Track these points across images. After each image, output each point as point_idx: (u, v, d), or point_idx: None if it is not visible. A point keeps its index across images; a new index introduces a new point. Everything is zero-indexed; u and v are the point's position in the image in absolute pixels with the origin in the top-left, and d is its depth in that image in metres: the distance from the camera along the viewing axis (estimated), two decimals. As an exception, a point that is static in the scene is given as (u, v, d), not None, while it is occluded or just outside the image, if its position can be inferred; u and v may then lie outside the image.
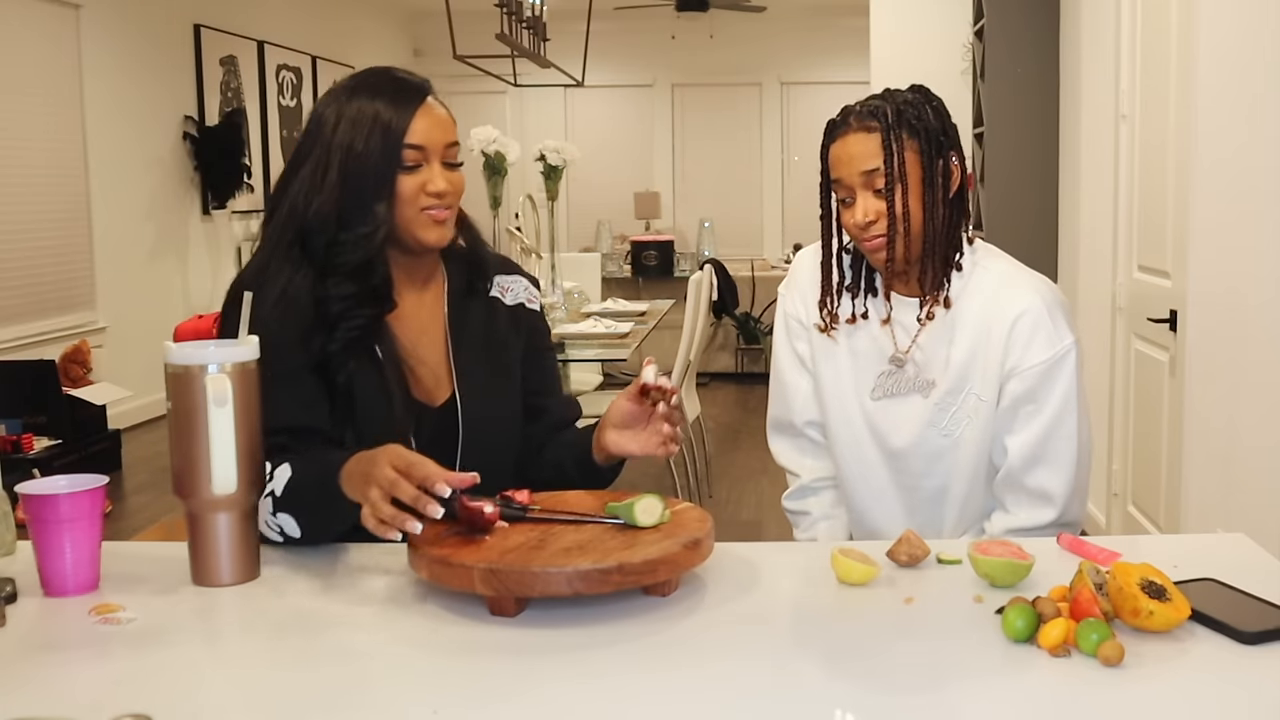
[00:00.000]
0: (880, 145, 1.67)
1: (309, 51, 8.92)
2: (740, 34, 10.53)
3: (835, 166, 1.72)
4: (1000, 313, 1.72)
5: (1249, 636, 1.20)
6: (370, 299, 1.60)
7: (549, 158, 5.16)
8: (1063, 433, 1.72)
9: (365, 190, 1.58)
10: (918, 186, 1.69)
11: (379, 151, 1.57)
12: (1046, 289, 1.75)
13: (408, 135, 1.58)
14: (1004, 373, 1.72)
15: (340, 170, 1.58)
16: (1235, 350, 3.06)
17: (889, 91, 1.73)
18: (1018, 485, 1.74)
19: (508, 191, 4.97)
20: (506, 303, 1.77)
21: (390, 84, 1.62)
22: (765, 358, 8.19)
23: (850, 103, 1.74)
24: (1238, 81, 3.00)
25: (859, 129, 1.69)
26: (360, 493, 1.38)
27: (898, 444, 1.78)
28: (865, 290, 1.81)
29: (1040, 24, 4.87)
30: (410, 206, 1.60)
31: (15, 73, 5.86)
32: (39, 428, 5.33)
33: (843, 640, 1.28)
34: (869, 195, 1.69)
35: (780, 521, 2.05)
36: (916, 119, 1.68)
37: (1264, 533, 2.29)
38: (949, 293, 1.74)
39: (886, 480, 1.81)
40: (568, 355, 4.35)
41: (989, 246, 1.81)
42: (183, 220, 7.38)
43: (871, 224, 1.69)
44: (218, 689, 1.18)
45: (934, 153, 1.69)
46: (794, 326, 1.89)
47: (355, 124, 1.58)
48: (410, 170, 1.59)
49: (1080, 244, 4.31)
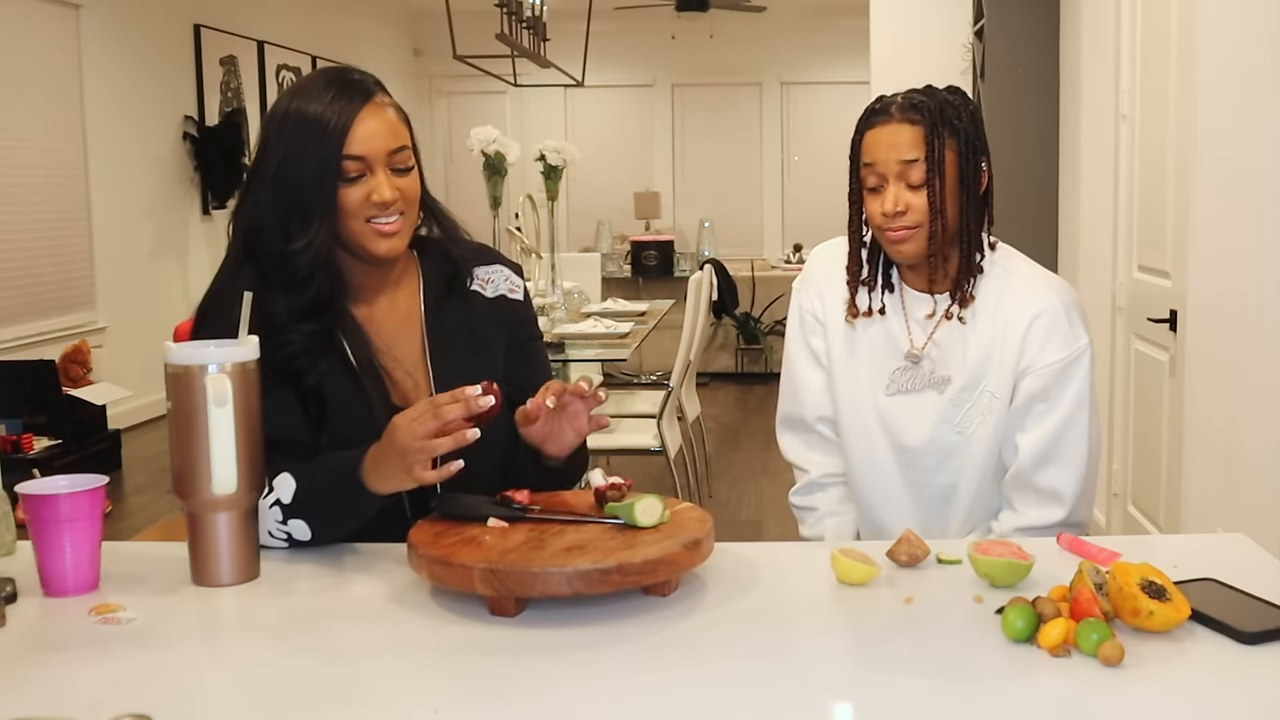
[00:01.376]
0: (923, 139, 1.69)
1: (309, 51, 8.92)
2: (740, 34, 10.53)
3: (871, 151, 1.73)
4: (1019, 311, 1.73)
5: (1249, 636, 1.20)
6: (308, 313, 1.56)
7: (549, 158, 5.16)
8: (1074, 432, 1.73)
9: (305, 202, 1.52)
10: (954, 184, 1.71)
11: (316, 163, 1.51)
12: (1064, 290, 1.78)
13: (347, 145, 1.51)
14: (1019, 370, 1.73)
15: (278, 182, 1.53)
16: (1235, 350, 3.06)
17: (931, 89, 1.75)
18: (1027, 484, 1.75)
19: (508, 191, 4.96)
20: (487, 295, 1.71)
21: (331, 87, 1.54)
22: (765, 358, 8.19)
23: (886, 94, 1.75)
24: (1238, 81, 3.00)
25: (902, 120, 1.71)
26: (400, 468, 1.40)
27: (910, 440, 1.78)
28: (882, 286, 1.82)
29: (1040, 24, 4.86)
30: (355, 219, 1.54)
31: (15, 73, 5.86)
32: (39, 428, 5.33)
33: (843, 640, 1.28)
34: (901, 186, 1.71)
35: (780, 521, 2.05)
36: (957, 119, 1.71)
37: (1264, 533, 2.29)
38: (970, 291, 1.75)
39: (896, 477, 1.81)
40: (568, 355, 4.35)
41: (1008, 248, 1.83)
42: (183, 220, 7.38)
43: (899, 215, 1.70)
44: (218, 689, 1.18)
45: (970, 154, 1.71)
46: (808, 320, 1.89)
47: (294, 133, 1.52)
48: (353, 181, 1.53)
49: (1080, 244, 4.30)
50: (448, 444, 1.38)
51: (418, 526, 1.41)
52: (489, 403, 1.39)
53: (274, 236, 1.55)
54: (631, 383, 6.92)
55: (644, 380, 7.20)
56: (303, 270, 1.55)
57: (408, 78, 10.99)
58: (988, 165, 1.75)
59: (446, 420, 1.38)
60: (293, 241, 1.53)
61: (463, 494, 1.45)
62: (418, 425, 1.39)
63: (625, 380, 6.99)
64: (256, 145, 1.59)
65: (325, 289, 1.58)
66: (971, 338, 1.75)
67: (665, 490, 3.72)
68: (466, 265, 1.71)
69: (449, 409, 1.38)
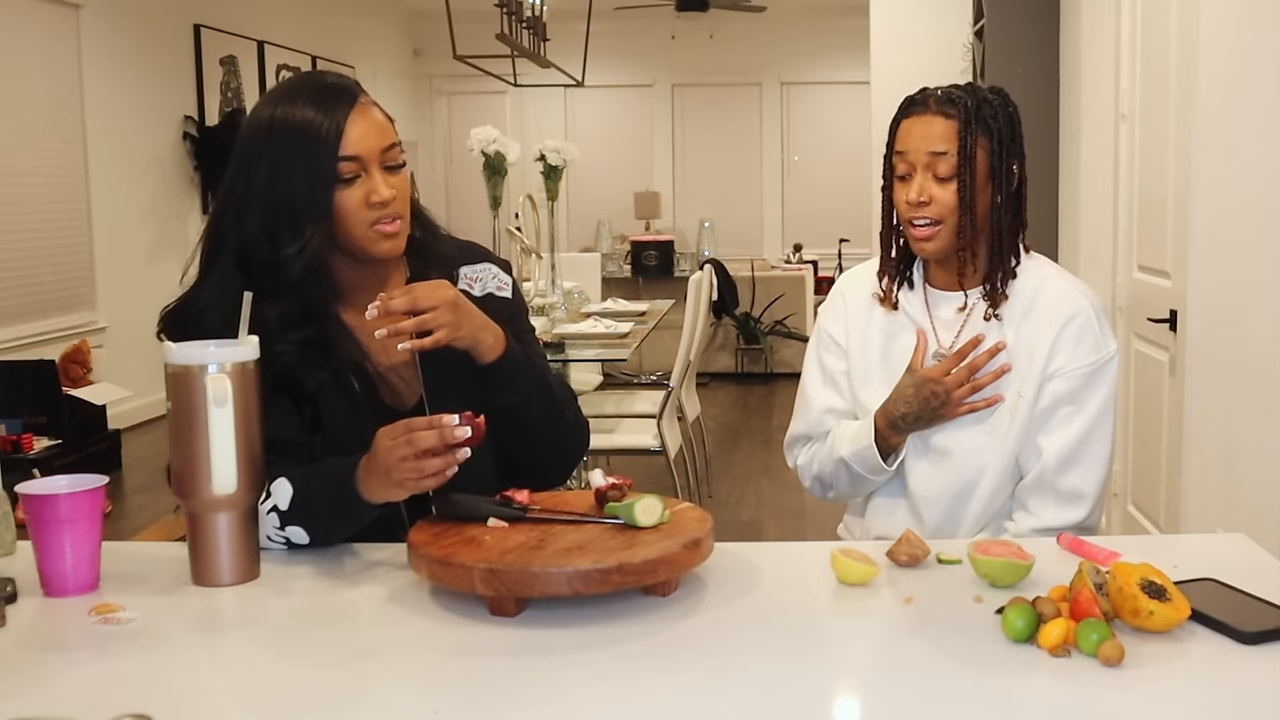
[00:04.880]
0: (956, 133, 1.70)
1: (309, 51, 8.92)
2: (740, 34, 10.53)
3: (903, 139, 1.74)
4: (1052, 314, 1.75)
5: (1249, 636, 1.20)
6: (301, 319, 1.56)
7: (549, 158, 5.15)
8: (1099, 435, 1.74)
9: (297, 208, 1.51)
10: (984, 181, 1.72)
11: (309, 167, 1.50)
12: (1094, 295, 1.79)
13: (341, 147, 1.51)
14: (1049, 372, 1.74)
15: (268, 189, 1.52)
16: (1235, 350, 3.06)
17: (972, 86, 1.76)
18: (1049, 486, 1.75)
19: (508, 191, 4.96)
20: (475, 294, 1.70)
21: (316, 92, 1.53)
22: (765, 358, 8.19)
23: (929, 86, 1.76)
24: (1238, 81, 3.00)
25: (938, 112, 1.72)
26: (388, 484, 1.41)
27: (939, 439, 1.78)
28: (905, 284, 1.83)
29: (1040, 24, 4.86)
30: (356, 222, 1.53)
31: (15, 73, 5.86)
32: (39, 428, 5.33)
33: (843, 640, 1.28)
34: (929, 177, 1.72)
35: (780, 521, 2.05)
36: (993, 118, 1.72)
37: (1264, 533, 2.29)
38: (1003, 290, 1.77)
39: (921, 476, 1.80)
40: (568, 355, 4.35)
41: (1038, 254, 1.84)
42: (183, 220, 7.38)
43: (922, 205, 1.71)
44: (218, 689, 1.18)
45: (1003, 153, 1.72)
46: (825, 340, 1.90)
47: (283, 141, 1.51)
48: (349, 183, 1.52)
49: (1080, 244, 4.30)
50: (437, 464, 1.38)
51: (418, 526, 1.41)
52: (465, 434, 1.37)
53: (264, 246, 1.54)
54: (631, 383, 6.92)
55: (644, 380, 7.21)
56: (294, 276, 1.54)
57: (408, 78, 10.99)
58: (1020, 168, 1.76)
59: (421, 449, 1.37)
60: (283, 248, 1.52)
61: (463, 494, 1.45)
62: (395, 450, 1.39)
63: (625, 380, 7.00)
64: (237, 159, 1.56)
65: (316, 294, 1.57)
66: (1004, 339, 1.76)
67: (665, 490, 3.71)
68: (450, 264, 1.70)
69: (423, 437, 1.38)
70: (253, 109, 1.59)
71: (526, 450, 1.65)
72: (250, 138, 1.55)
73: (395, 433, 1.40)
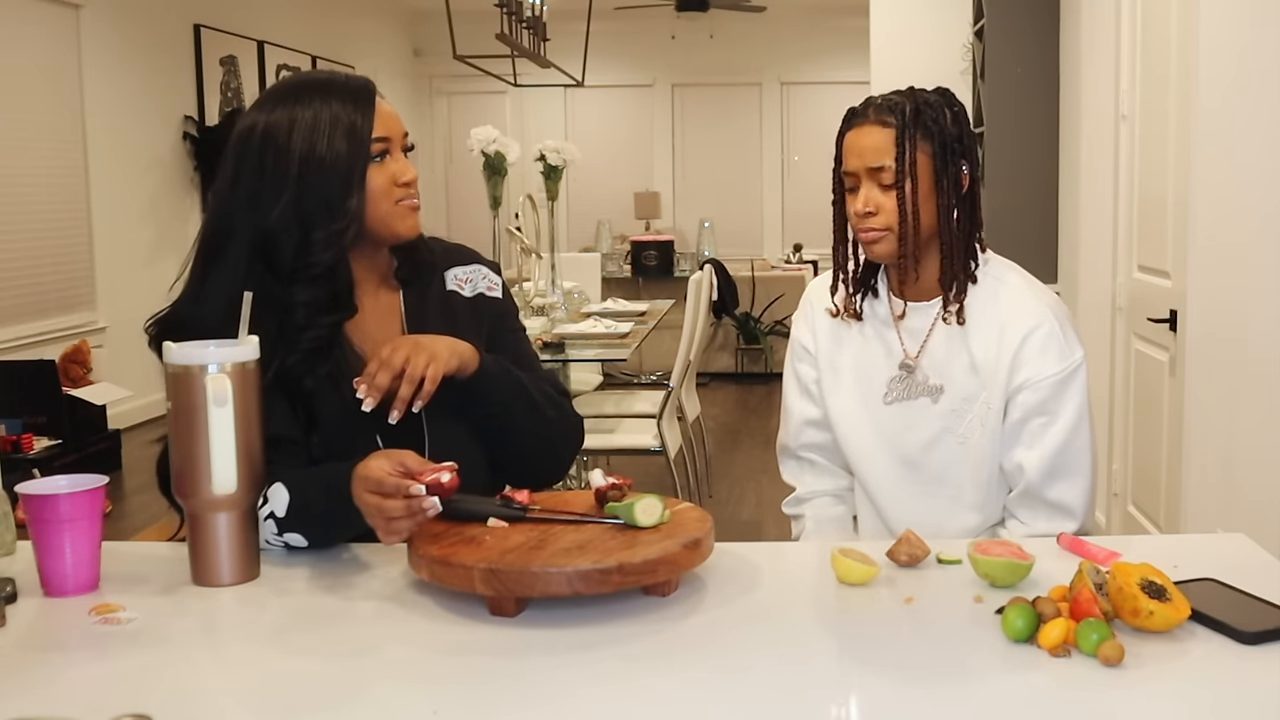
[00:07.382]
0: (893, 141, 1.68)
1: (309, 51, 8.92)
2: (740, 34, 10.53)
3: (847, 155, 1.74)
4: (1014, 325, 1.72)
5: (1249, 636, 1.20)
6: (333, 305, 1.59)
7: (549, 158, 5.15)
8: (1077, 445, 1.73)
9: (332, 191, 1.55)
10: (928, 187, 1.70)
11: (345, 150, 1.55)
12: (1057, 303, 1.77)
13: (374, 128, 1.58)
14: (1014, 385, 1.72)
15: (300, 175, 1.54)
16: (1235, 350, 3.06)
17: (912, 90, 1.74)
18: (1037, 500, 1.74)
19: (508, 191, 4.96)
20: (465, 295, 1.73)
21: (339, 85, 1.60)
22: (765, 358, 8.19)
23: (873, 95, 1.76)
24: (1238, 82, 3.00)
25: (875, 121, 1.71)
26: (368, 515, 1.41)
27: (911, 449, 1.78)
28: (868, 292, 1.82)
29: (1040, 24, 4.86)
30: (384, 200, 1.59)
31: (15, 73, 5.86)
32: (39, 428, 5.33)
33: (843, 640, 1.28)
34: (873, 187, 1.71)
35: (780, 521, 2.06)
36: (934, 121, 1.70)
37: (1264, 533, 2.29)
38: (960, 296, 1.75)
39: (902, 485, 1.81)
40: (568, 355, 4.35)
41: (999, 258, 1.82)
42: (183, 220, 7.38)
43: (870, 215, 1.71)
44: (218, 689, 1.18)
45: (946, 157, 1.70)
46: (797, 349, 1.92)
47: (313, 128, 1.55)
48: (379, 162, 1.59)
49: (1080, 244, 4.30)
50: (406, 525, 1.36)
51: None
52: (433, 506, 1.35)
53: (295, 230, 1.56)
54: (631, 383, 6.93)
55: (644, 380, 7.21)
56: (327, 261, 1.57)
57: (408, 78, 10.99)
58: (969, 168, 1.73)
59: (391, 518, 1.36)
60: (316, 232, 1.55)
61: (463, 494, 1.45)
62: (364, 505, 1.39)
63: (625, 380, 7.00)
64: (255, 156, 1.57)
65: (349, 278, 1.61)
66: (966, 347, 1.75)
67: (665, 490, 3.71)
68: (438, 264, 1.73)
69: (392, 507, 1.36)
70: (253, 109, 1.60)
71: (511, 450, 1.67)
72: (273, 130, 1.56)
73: (369, 485, 1.39)
